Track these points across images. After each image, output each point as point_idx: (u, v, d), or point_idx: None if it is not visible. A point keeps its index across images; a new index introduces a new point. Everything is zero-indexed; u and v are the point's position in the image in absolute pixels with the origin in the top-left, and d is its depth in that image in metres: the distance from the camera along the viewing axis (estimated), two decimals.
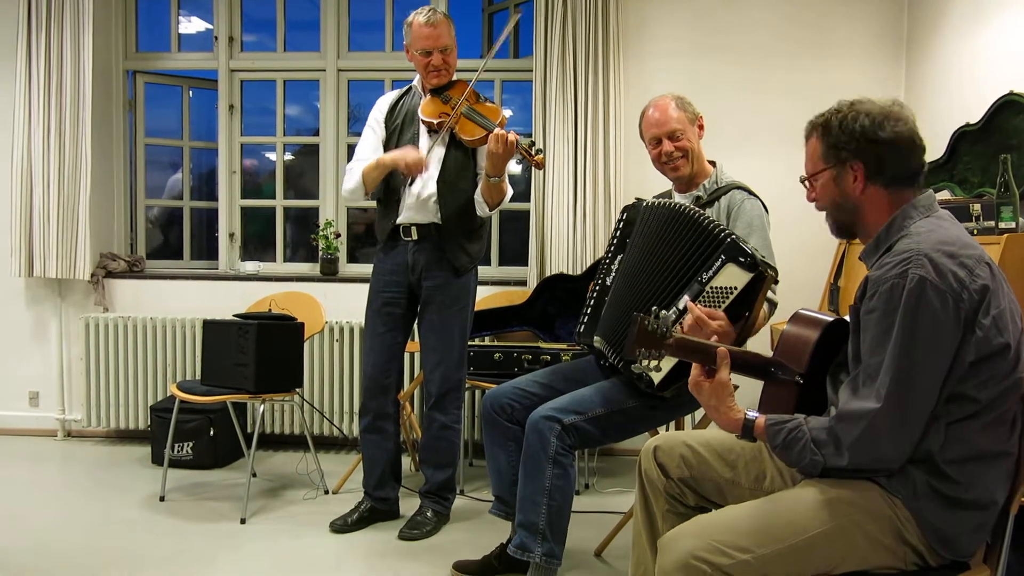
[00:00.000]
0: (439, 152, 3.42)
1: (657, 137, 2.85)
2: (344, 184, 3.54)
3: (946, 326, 1.67)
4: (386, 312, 3.53)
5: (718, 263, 2.47)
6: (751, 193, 2.81)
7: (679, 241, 2.60)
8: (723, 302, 2.44)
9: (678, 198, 2.93)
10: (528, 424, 2.69)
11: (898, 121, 1.85)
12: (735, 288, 2.43)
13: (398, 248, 3.50)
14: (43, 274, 4.83)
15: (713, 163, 2.94)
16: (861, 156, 1.86)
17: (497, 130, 3.19)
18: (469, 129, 3.33)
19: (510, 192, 3.44)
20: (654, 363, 1.89)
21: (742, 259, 2.43)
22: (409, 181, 3.42)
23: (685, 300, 2.47)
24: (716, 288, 2.46)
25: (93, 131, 4.79)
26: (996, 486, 1.77)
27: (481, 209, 3.40)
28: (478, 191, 3.38)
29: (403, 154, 3.34)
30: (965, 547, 1.78)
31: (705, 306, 2.42)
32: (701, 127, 2.90)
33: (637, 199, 2.90)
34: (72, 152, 4.79)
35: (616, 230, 2.88)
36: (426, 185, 3.41)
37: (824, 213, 2.00)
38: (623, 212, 2.90)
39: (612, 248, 2.86)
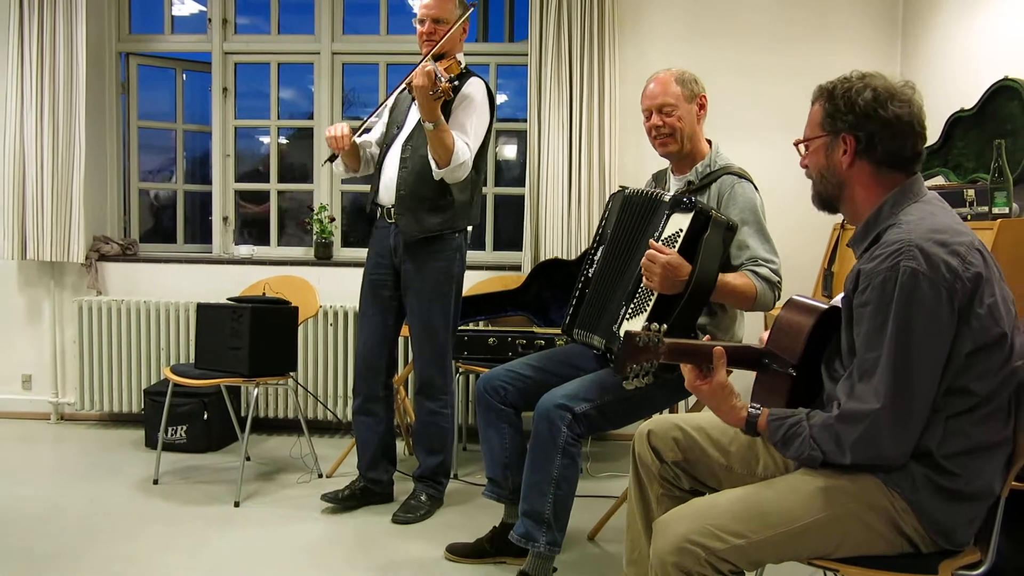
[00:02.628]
0: (415, 116, 3.41)
1: (648, 109, 2.85)
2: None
3: (941, 318, 1.66)
4: (374, 294, 3.55)
5: (664, 218, 2.59)
6: (742, 176, 2.78)
7: (634, 223, 2.71)
8: (674, 246, 2.51)
9: (673, 181, 2.93)
10: (538, 411, 2.69)
11: (903, 103, 1.81)
12: (681, 230, 2.52)
13: (383, 229, 3.52)
14: (36, 257, 4.81)
15: (710, 142, 2.90)
16: (855, 130, 1.82)
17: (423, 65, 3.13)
18: None
19: (461, 152, 3.25)
20: (646, 378, 1.88)
21: (683, 204, 2.55)
22: (388, 147, 3.48)
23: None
24: (666, 239, 2.55)
25: (86, 114, 4.76)
26: (994, 477, 1.78)
27: (433, 168, 3.28)
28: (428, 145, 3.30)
29: (334, 126, 3.39)
30: (963, 537, 1.79)
31: None
32: (702, 107, 2.85)
33: (621, 187, 2.91)
34: (65, 135, 4.76)
35: (601, 220, 2.90)
36: (398, 150, 3.43)
37: (811, 182, 1.97)
38: (608, 202, 2.92)
39: (596, 239, 2.88)
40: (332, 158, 3.49)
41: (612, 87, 4.49)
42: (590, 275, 2.84)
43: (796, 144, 1.97)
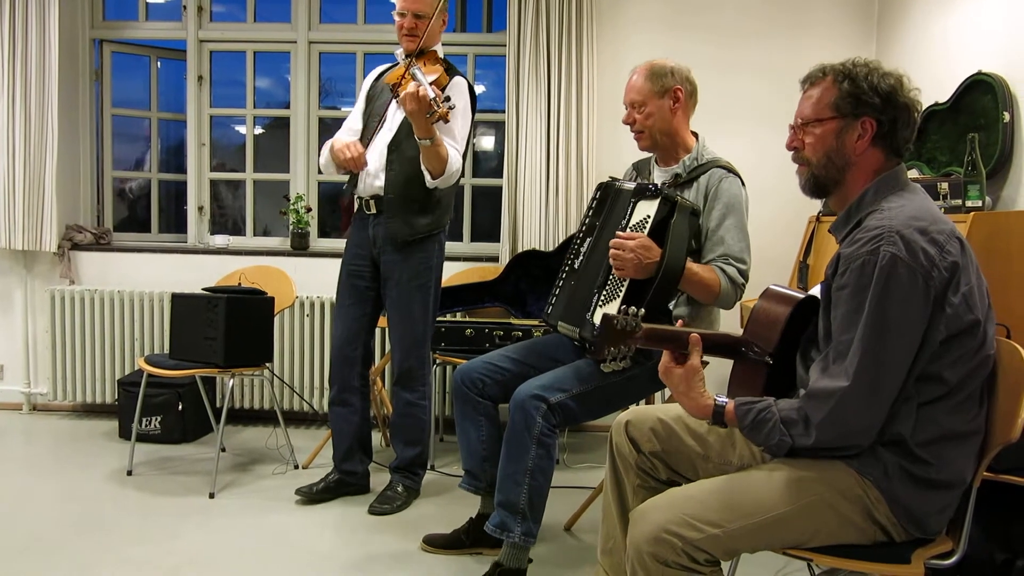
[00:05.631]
0: (399, 116, 3.40)
1: (624, 104, 2.86)
2: (320, 157, 3.57)
3: (916, 304, 1.67)
4: (351, 284, 3.54)
5: (630, 206, 2.62)
6: (730, 171, 2.77)
7: (607, 212, 2.74)
8: (643, 232, 2.54)
9: (657, 172, 2.93)
10: (513, 402, 2.68)
11: (911, 89, 1.84)
12: (648, 216, 2.56)
13: (362, 221, 3.50)
14: (8, 246, 4.75)
15: (696, 135, 2.89)
16: (879, 114, 1.82)
17: (410, 86, 3.10)
18: (406, 88, 3.24)
19: (454, 162, 3.30)
20: (623, 362, 1.89)
21: (648, 192, 2.59)
22: (370, 141, 3.44)
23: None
24: (634, 226, 2.58)
25: (59, 101, 4.70)
26: (966, 465, 1.80)
27: (426, 178, 3.31)
28: (421, 157, 3.30)
29: (344, 146, 3.34)
30: (935, 525, 1.81)
31: None
32: (678, 99, 2.80)
33: (611, 179, 2.89)
34: (38, 123, 4.70)
35: (588, 210, 2.88)
36: (383, 149, 3.40)
37: (798, 166, 1.94)
38: (596, 191, 2.89)
39: (583, 230, 2.87)
40: (353, 182, 3.48)
41: (590, 78, 4.49)
42: (576, 266, 2.83)
43: (800, 125, 1.91)
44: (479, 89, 5.46)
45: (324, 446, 4.07)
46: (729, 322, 2.95)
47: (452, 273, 4.54)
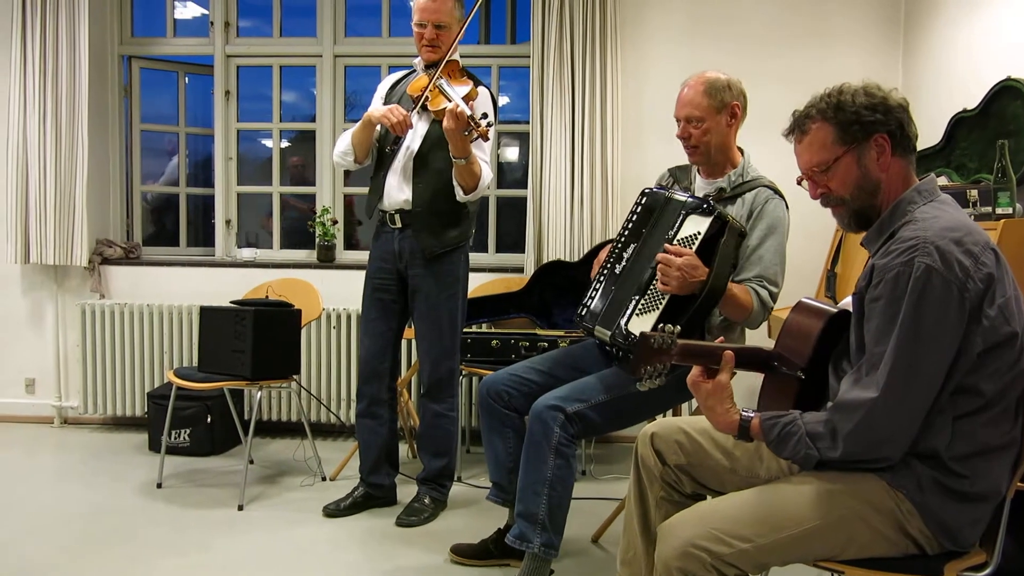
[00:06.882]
0: (422, 128, 3.40)
1: (677, 118, 2.79)
2: (336, 147, 3.57)
3: (950, 316, 1.65)
4: (377, 298, 3.54)
5: (680, 219, 2.55)
6: (776, 192, 2.73)
7: (653, 221, 2.67)
8: (691, 248, 2.49)
9: (699, 182, 2.87)
10: (532, 413, 2.67)
11: (891, 88, 1.85)
12: (699, 233, 2.50)
13: (387, 235, 3.51)
14: (40, 260, 4.82)
15: (741, 150, 2.84)
16: (886, 126, 1.81)
17: (450, 105, 3.10)
18: (436, 102, 3.26)
19: (486, 176, 3.33)
20: (659, 380, 1.88)
21: (702, 208, 2.53)
22: (392, 152, 3.42)
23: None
24: (681, 240, 2.52)
25: (89, 117, 4.77)
26: (1000, 477, 1.77)
27: (457, 193, 3.33)
28: (454, 173, 3.32)
29: (390, 110, 3.29)
30: (968, 538, 1.78)
31: None
32: (734, 115, 2.75)
33: (659, 185, 2.86)
34: (68, 138, 4.77)
35: (632, 215, 2.77)
36: (407, 161, 3.40)
37: (832, 208, 1.92)
38: (640, 197, 2.78)
39: (626, 234, 2.75)
40: (396, 141, 3.44)
41: (614, 89, 4.49)
42: (616, 271, 2.73)
43: (817, 172, 1.89)
44: (503, 100, 5.48)
45: (351, 458, 4.08)
46: (755, 332, 2.93)
47: (477, 284, 4.55)
